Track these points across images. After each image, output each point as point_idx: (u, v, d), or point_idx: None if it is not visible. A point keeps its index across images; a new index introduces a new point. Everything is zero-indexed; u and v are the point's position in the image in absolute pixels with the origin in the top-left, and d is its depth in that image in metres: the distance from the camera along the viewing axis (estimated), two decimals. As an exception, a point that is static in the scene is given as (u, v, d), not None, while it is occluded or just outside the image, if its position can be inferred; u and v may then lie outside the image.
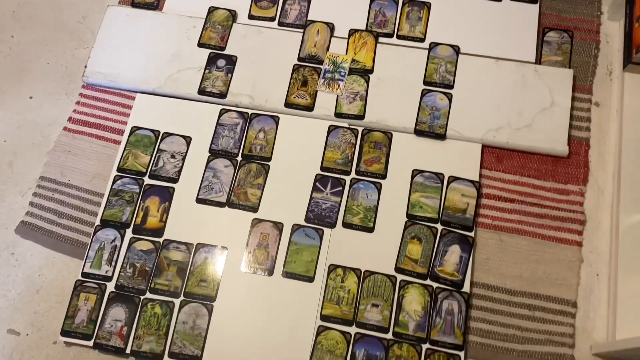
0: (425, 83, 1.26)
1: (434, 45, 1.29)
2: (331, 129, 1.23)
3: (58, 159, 1.26)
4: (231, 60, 1.30)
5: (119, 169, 1.22)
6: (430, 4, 1.33)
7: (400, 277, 1.11)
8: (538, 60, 1.28)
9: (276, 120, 1.25)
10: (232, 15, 1.34)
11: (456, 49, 1.28)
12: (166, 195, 1.19)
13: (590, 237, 1.15)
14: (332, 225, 1.15)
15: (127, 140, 1.24)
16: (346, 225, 1.15)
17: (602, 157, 1.21)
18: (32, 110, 1.32)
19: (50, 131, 1.29)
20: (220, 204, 1.18)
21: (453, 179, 1.18)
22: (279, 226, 1.16)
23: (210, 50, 1.31)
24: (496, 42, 1.29)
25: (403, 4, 1.34)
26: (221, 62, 1.30)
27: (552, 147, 1.19)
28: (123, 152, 1.23)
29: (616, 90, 1.25)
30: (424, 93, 1.25)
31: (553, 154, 1.20)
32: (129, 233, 1.16)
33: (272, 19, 1.34)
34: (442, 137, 1.21)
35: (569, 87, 1.23)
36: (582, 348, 1.08)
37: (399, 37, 1.31)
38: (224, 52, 1.31)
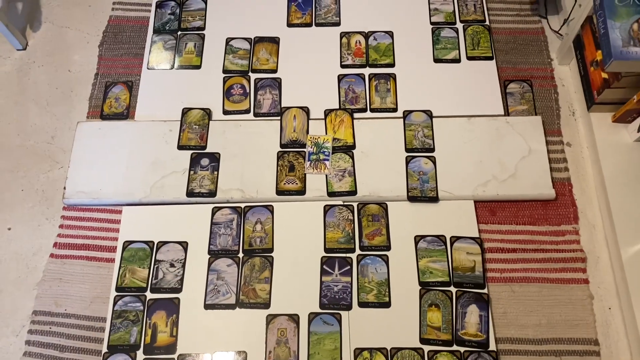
0: (407, 150, 1.30)
1: (407, 113, 1.34)
2: (327, 209, 1.24)
3: (50, 289, 1.19)
4: (214, 158, 1.29)
5: (117, 289, 1.17)
6: (395, 75, 1.39)
7: (427, 348, 1.10)
8: (506, 112, 1.35)
9: (270, 209, 1.24)
10: (207, 113, 1.35)
11: (429, 114, 1.33)
12: (172, 308, 1.15)
13: (594, 272, 1.19)
14: (348, 307, 1.14)
15: (121, 256, 1.20)
16: (362, 304, 1.14)
17: (585, 193, 1.27)
18: (11, 242, 1.25)
19: (35, 261, 1.23)
20: (230, 306, 1.15)
21: (455, 239, 1.20)
22: (294, 318, 1.13)
23: (191, 151, 1.30)
24: (464, 100, 1.35)
25: (369, 79, 1.39)
26: (205, 161, 1.29)
27: (540, 192, 1.24)
28: (119, 269, 1.18)
29: (582, 128, 1.33)
30: (408, 160, 1.28)
31: (541, 198, 1.25)
32: (140, 355, 1.10)
33: (247, 111, 1.36)
34: (435, 199, 1.24)
35: (541, 132, 1.30)
36: (614, 384, 1.09)
37: (372, 110, 1.35)
38: (206, 151, 1.30)
